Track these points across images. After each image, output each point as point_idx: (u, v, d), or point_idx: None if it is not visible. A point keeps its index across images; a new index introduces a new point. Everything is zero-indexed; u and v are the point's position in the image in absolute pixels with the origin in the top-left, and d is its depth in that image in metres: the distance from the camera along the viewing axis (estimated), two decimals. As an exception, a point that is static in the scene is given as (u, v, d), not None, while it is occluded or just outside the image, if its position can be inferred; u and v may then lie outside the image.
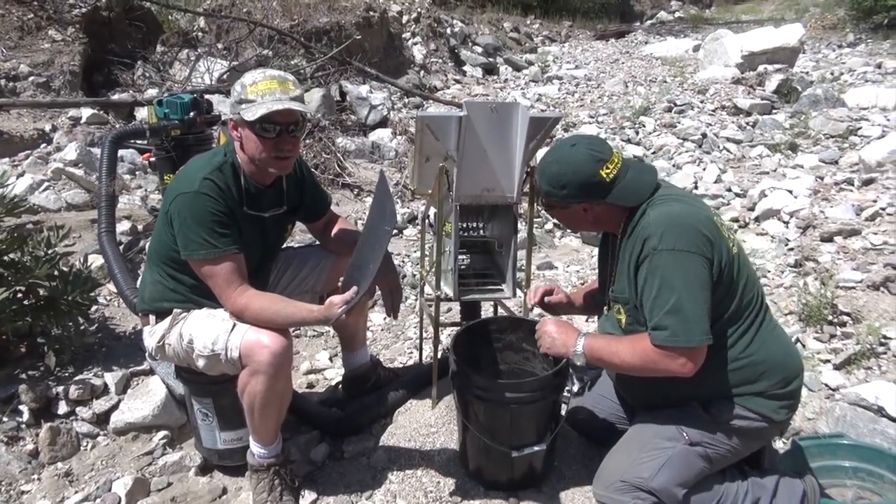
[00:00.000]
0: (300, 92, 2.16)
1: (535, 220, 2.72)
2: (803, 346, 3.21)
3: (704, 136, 6.74)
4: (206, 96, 4.38)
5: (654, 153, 6.58)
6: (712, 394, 1.98)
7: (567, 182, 1.97)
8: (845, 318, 3.31)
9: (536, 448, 2.16)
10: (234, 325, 2.11)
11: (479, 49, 11.80)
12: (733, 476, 2.08)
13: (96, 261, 3.54)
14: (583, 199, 1.99)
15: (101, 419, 2.76)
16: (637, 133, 7.13)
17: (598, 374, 2.54)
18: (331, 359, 3.38)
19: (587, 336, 2.02)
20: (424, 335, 3.10)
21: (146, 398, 2.76)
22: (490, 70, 11.27)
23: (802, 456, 2.35)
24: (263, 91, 2.07)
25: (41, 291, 2.89)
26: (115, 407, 2.78)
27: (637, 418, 2.16)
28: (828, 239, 4.19)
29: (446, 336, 2.49)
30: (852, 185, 5.12)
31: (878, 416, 2.55)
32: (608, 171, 1.95)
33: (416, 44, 10.60)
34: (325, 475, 2.45)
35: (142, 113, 5.86)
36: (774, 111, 7.59)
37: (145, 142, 4.11)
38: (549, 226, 5.35)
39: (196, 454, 2.60)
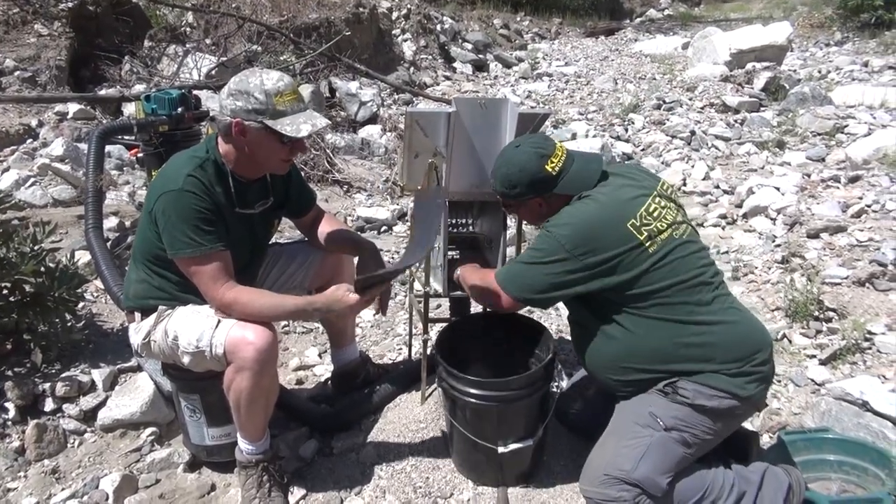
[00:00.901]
0: (310, 96, 2.16)
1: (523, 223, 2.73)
2: (790, 341, 3.24)
3: (693, 133, 6.77)
4: (195, 92, 4.36)
5: (643, 150, 6.61)
6: (667, 368, 2.03)
7: (517, 181, 2.14)
8: (831, 313, 3.34)
9: (523, 444, 2.16)
10: (219, 322, 2.10)
11: (469, 46, 11.79)
12: (719, 468, 2.10)
13: (83, 257, 3.51)
14: (534, 195, 2.15)
15: (89, 416, 2.74)
16: (626, 130, 7.16)
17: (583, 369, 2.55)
18: (320, 355, 3.37)
19: (464, 268, 2.44)
20: (414, 331, 3.10)
21: (134, 395, 2.75)
22: (480, 67, 11.26)
23: (788, 450, 2.37)
24: (290, 102, 2.06)
25: (27, 288, 2.87)
26: (102, 404, 2.76)
27: (614, 411, 2.18)
28: (814, 235, 4.23)
29: (436, 332, 2.50)
30: (839, 182, 5.16)
31: (863, 410, 2.58)
32: (552, 164, 2.12)
33: (405, 40, 10.57)
34: (314, 471, 2.45)
35: (129, 108, 5.81)
36: (762, 109, 7.64)
37: (133, 137, 4.07)
38: (538, 222, 5.36)
39: (184, 451, 2.59)
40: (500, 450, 2.15)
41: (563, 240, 2.01)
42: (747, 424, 2.48)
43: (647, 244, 2.02)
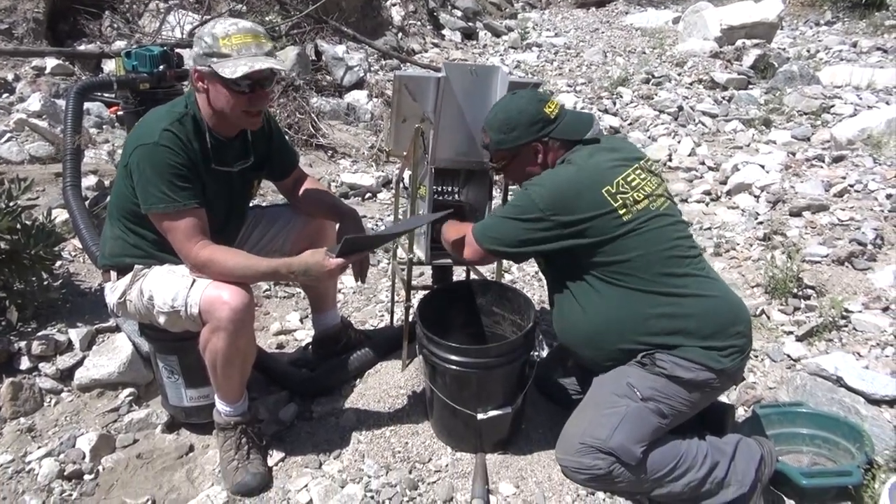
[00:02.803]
0: (272, 45, 2.10)
1: (509, 186, 2.71)
2: (768, 317, 3.27)
3: (681, 108, 6.76)
4: (177, 50, 4.25)
5: (630, 124, 6.59)
6: (647, 340, 2.05)
7: (516, 124, 2.16)
8: (810, 291, 3.38)
9: (502, 412, 2.18)
10: (194, 282, 2.07)
11: (459, 13, 11.60)
12: (693, 439, 2.13)
13: (60, 215, 3.45)
14: (532, 138, 2.17)
15: (65, 375, 2.72)
16: (614, 104, 7.13)
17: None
18: (301, 320, 3.36)
19: (447, 224, 2.43)
20: (396, 298, 3.09)
21: (112, 355, 2.72)
22: (469, 35, 11.10)
23: (762, 423, 2.42)
24: (239, 45, 2.01)
25: (2, 245, 2.81)
26: (79, 363, 2.74)
27: (591, 381, 2.20)
28: (796, 214, 4.26)
29: (418, 299, 2.49)
30: (823, 161, 5.20)
31: (837, 385, 2.62)
32: (551, 109, 2.18)
33: (394, 5, 10.37)
34: (293, 434, 2.45)
35: (109, 65, 5.68)
36: (750, 86, 7.64)
37: (113, 95, 3.98)
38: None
39: (162, 412, 2.58)
40: (479, 416, 2.16)
41: (537, 199, 2.05)
42: (723, 398, 2.52)
43: (622, 212, 2.03)
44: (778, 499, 2.27)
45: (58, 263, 3.18)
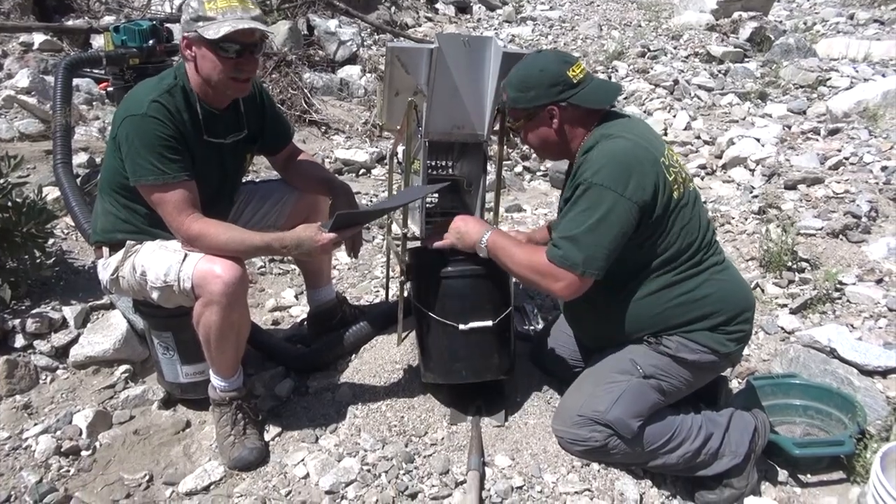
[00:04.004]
0: (259, 11, 2.07)
1: (504, 161, 2.69)
2: (762, 290, 3.28)
3: (676, 82, 6.72)
4: (167, 25, 4.19)
5: (625, 99, 6.55)
6: (659, 329, 2.04)
7: (535, 83, 1.98)
8: (804, 264, 3.39)
9: (483, 323, 2.20)
10: (186, 256, 2.06)
11: (453, -14, 11.46)
12: (688, 411, 2.15)
13: (52, 193, 3.42)
14: (549, 101, 1.98)
15: (60, 353, 2.71)
16: (610, 77, 7.07)
17: (560, 312, 2.56)
18: (296, 296, 3.36)
19: (494, 231, 2.11)
20: (391, 274, 3.09)
21: (107, 332, 2.72)
22: (463, 9, 10.97)
23: (756, 395, 2.43)
24: (223, 8, 1.98)
25: (-7, 222, 2.79)
26: (74, 341, 2.73)
27: (594, 356, 2.20)
28: (791, 187, 4.26)
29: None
30: (818, 134, 5.18)
31: (830, 357, 2.64)
32: (575, 72, 1.99)
33: (387, -22, 10.24)
34: (289, 410, 2.46)
35: (99, 41, 5.59)
36: (746, 60, 7.59)
37: (102, 71, 3.92)
38: (518, 168, 5.32)
39: (159, 388, 2.58)
40: (461, 327, 2.18)
41: (610, 183, 1.85)
42: (718, 371, 2.53)
43: (674, 187, 1.95)
44: (771, 469, 2.30)
45: (50, 241, 3.16)
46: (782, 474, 2.29)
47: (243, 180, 2.53)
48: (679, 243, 1.98)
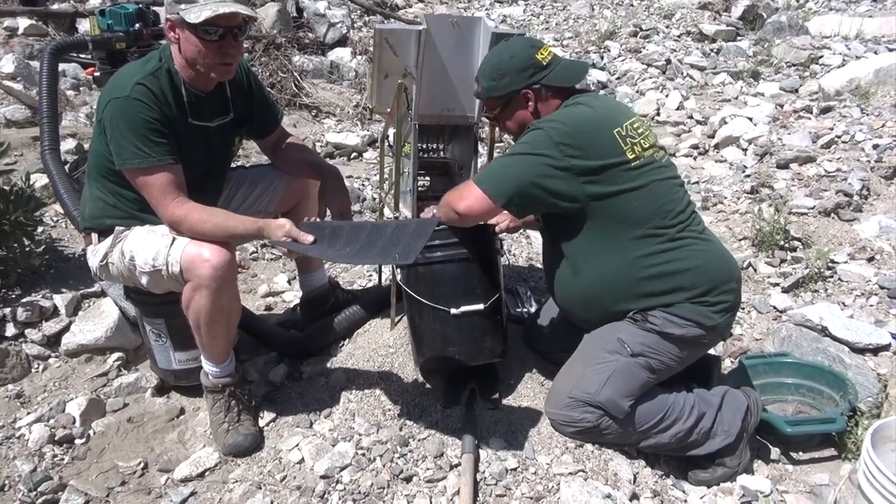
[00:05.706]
0: None
1: (495, 143, 2.67)
2: (755, 270, 3.30)
3: (668, 62, 6.69)
4: (153, 8, 4.13)
5: (618, 79, 6.53)
6: (641, 302, 2.05)
7: (506, 70, 2.08)
8: (796, 243, 3.40)
9: (474, 306, 2.19)
10: (174, 240, 2.04)
11: (443, -34, 11.33)
12: (680, 391, 2.16)
13: (40, 180, 3.39)
14: (523, 85, 2.08)
15: (52, 341, 2.70)
16: (602, 58, 7.05)
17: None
18: (289, 281, 3.35)
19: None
20: (384, 258, 3.07)
21: (98, 320, 2.70)
22: (454, -11, 10.87)
23: (748, 373, 2.45)
24: None
25: (-20, 211, 2.76)
26: (66, 329, 2.71)
27: (584, 337, 2.21)
28: (784, 166, 4.26)
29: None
30: (811, 113, 5.18)
31: (822, 335, 2.66)
32: (543, 55, 2.10)
33: (377, -42, 10.11)
34: (283, 395, 2.46)
35: (84, 25, 5.52)
36: (739, 38, 7.56)
37: (88, 55, 3.88)
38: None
39: (152, 375, 2.58)
40: (453, 311, 2.18)
41: (553, 133, 1.95)
42: (710, 350, 2.54)
43: (630, 156, 1.99)
44: (763, 447, 2.31)
45: (39, 229, 3.13)
46: (774, 452, 2.31)
47: (233, 166, 2.51)
48: (651, 206, 2.01)
